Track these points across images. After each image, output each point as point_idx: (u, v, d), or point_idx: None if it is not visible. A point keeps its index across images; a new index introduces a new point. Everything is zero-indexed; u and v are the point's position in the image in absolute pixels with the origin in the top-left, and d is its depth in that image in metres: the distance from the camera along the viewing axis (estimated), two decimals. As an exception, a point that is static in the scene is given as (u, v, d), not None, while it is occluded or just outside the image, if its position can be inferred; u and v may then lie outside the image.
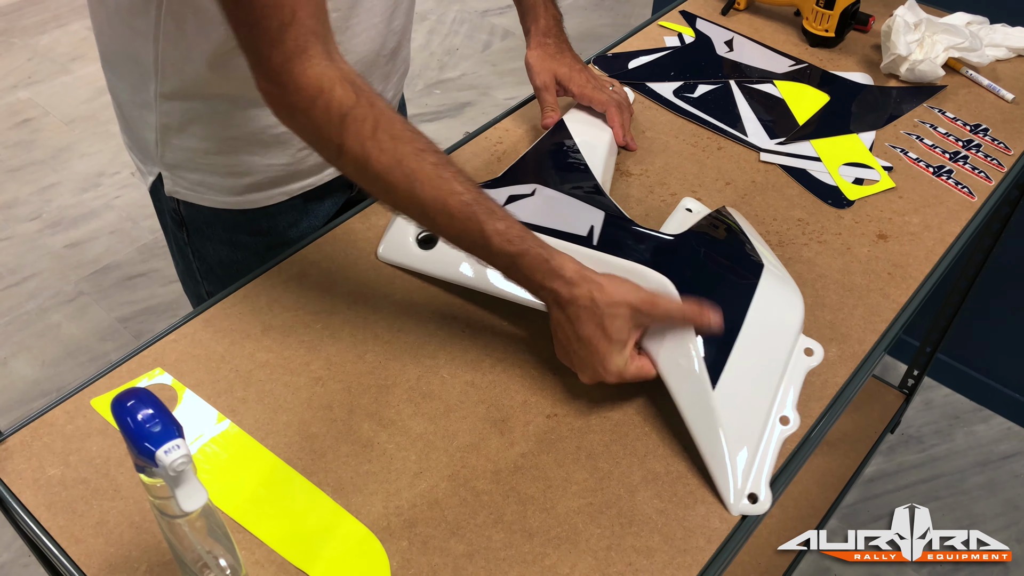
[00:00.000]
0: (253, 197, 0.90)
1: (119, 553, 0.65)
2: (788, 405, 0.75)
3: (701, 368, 0.71)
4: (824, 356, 0.79)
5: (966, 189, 0.98)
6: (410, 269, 0.87)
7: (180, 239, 0.95)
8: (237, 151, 0.86)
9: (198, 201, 0.90)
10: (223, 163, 0.86)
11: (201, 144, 0.85)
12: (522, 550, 0.66)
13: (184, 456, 0.46)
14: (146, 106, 0.84)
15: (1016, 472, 1.79)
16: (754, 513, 0.68)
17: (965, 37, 1.13)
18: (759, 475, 0.70)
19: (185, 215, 0.92)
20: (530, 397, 0.76)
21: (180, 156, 0.86)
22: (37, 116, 2.72)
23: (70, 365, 1.98)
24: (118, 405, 0.47)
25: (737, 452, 0.70)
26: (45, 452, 0.71)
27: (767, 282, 0.79)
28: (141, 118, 0.86)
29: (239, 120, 0.83)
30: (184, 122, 0.83)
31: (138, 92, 0.83)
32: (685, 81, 1.15)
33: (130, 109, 0.86)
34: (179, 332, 0.81)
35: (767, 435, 0.73)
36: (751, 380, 0.73)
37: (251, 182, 0.88)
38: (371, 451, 0.72)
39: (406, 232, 0.87)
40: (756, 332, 0.75)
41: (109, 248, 2.28)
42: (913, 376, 1.76)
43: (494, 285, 0.81)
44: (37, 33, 3.11)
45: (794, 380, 0.77)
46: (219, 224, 0.92)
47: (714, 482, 0.69)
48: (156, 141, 0.86)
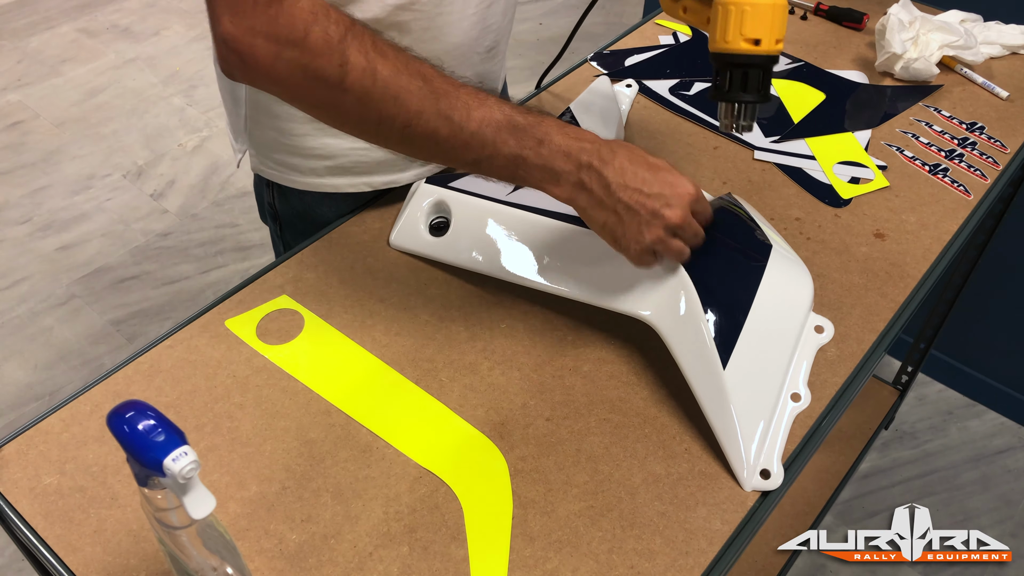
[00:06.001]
0: (334, 181, 0.90)
1: (117, 562, 0.64)
2: (799, 382, 0.76)
3: (712, 347, 0.71)
4: (834, 334, 0.81)
5: (962, 187, 0.99)
6: (422, 256, 0.88)
7: (274, 231, 1.00)
8: (322, 133, 0.87)
9: (280, 181, 0.92)
10: (306, 144, 0.87)
11: (286, 124, 0.86)
12: (523, 554, 0.65)
13: (193, 462, 0.45)
14: (236, 82, 0.85)
15: (1009, 467, 1.80)
16: (767, 488, 0.69)
17: (959, 35, 1.13)
18: (771, 451, 0.71)
19: (279, 208, 0.95)
20: (529, 400, 0.76)
21: (267, 134, 0.88)
22: (27, 119, 2.70)
23: (62, 369, 1.97)
24: (116, 419, 0.46)
25: (749, 429, 0.71)
26: (41, 460, 0.71)
27: (776, 262, 0.79)
28: (233, 92, 0.88)
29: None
30: (269, 100, 0.85)
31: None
32: (681, 79, 1.15)
33: (225, 83, 0.89)
34: (175, 338, 0.80)
35: (778, 412, 0.74)
36: (762, 358, 0.74)
37: (332, 165, 0.89)
38: (370, 455, 0.71)
39: (418, 220, 0.88)
40: (766, 311, 0.76)
41: (101, 251, 2.26)
42: (907, 372, 1.77)
43: (505, 269, 0.82)
44: (27, 35, 3.08)
45: (805, 357, 0.78)
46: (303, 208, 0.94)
47: (727, 459, 0.70)
48: (245, 116, 0.88)
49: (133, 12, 3.23)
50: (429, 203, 0.88)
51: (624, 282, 0.77)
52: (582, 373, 0.78)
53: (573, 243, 0.80)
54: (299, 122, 0.86)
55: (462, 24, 0.84)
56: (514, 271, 0.81)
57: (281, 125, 0.87)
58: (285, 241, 0.99)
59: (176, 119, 2.71)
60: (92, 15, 3.20)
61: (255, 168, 0.93)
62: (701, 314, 0.72)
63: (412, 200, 0.89)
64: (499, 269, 0.82)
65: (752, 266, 0.78)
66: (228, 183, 2.48)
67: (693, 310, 0.73)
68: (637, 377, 0.78)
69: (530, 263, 0.81)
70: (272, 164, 0.91)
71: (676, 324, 0.73)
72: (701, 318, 0.72)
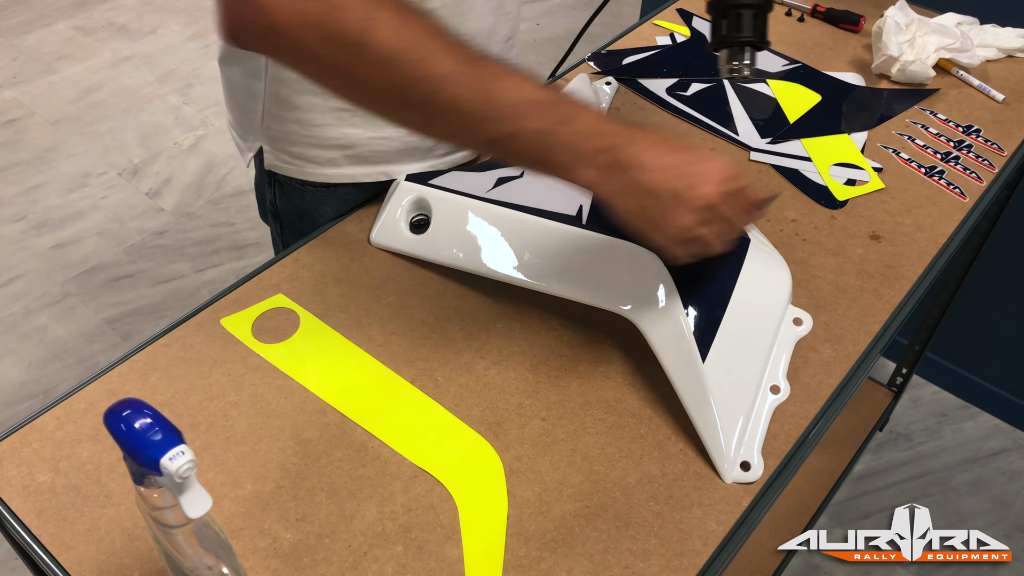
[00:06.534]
0: (352, 171, 0.90)
1: (111, 560, 0.64)
2: (779, 374, 0.77)
3: (691, 341, 0.72)
4: (812, 326, 0.81)
5: (958, 190, 0.99)
6: (402, 253, 0.88)
7: (274, 229, 0.99)
8: (342, 123, 0.86)
9: (297, 175, 0.91)
10: (326, 135, 0.87)
11: (307, 115, 0.86)
12: (518, 554, 0.65)
13: (190, 461, 0.45)
14: (255, 75, 0.85)
15: (1003, 469, 1.80)
16: (747, 480, 0.70)
17: (956, 38, 1.13)
18: (751, 443, 0.72)
19: (281, 206, 0.95)
20: (525, 400, 0.76)
21: (286, 127, 0.88)
22: (22, 116, 2.69)
23: (57, 367, 1.97)
24: (112, 417, 0.46)
25: (729, 421, 0.71)
26: (35, 458, 0.70)
27: (754, 255, 0.80)
28: (249, 87, 0.87)
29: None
30: (291, 92, 0.84)
31: (247, 59, 0.85)
32: (679, 79, 1.15)
33: (239, 78, 0.88)
34: (170, 336, 0.80)
35: (758, 404, 0.74)
36: (741, 351, 0.75)
37: (352, 154, 0.89)
38: (365, 455, 0.71)
39: (398, 217, 0.88)
40: (744, 304, 0.76)
41: (96, 249, 2.26)
42: (902, 374, 1.77)
43: (485, 266, 0.82)
44: (22, 32, 3.07)
45: (784, 350, 0.78)
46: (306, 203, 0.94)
47: (707, 452, 0.71)
48: (262, 112, 0.88)
49: (129, 10, 3.22)
50: (409, 200, 0.88)
51: (604, 278, 0.78)
52: (578, 373, 0.78)
53: (553, 239, 0.80)
54: (320, 112, 0.86)
55: (483, 9, 0.85)
56: (494, 268, 0.82)
57: (302, 116, 0.86)
58: (284, 240, 0.99)
59: (172, 117, 2.71)
60: (88, 13, 3.19)
61: (269, 165, 0.93)
62: (680, 308, 0.73)
63: (392, 198, 0.89)
64: (479, 266, 0.82)
65: (730, 259, 0.79)
66: (224, 182, 2.47)
67: (672, 305, 0.74)
68: (633, 378, 0.78)
69: (510, 259, 0.81)
70: (288, 158, 0.91)
71: (655, 319, 0.74)
72: (680, 312, 0.73)
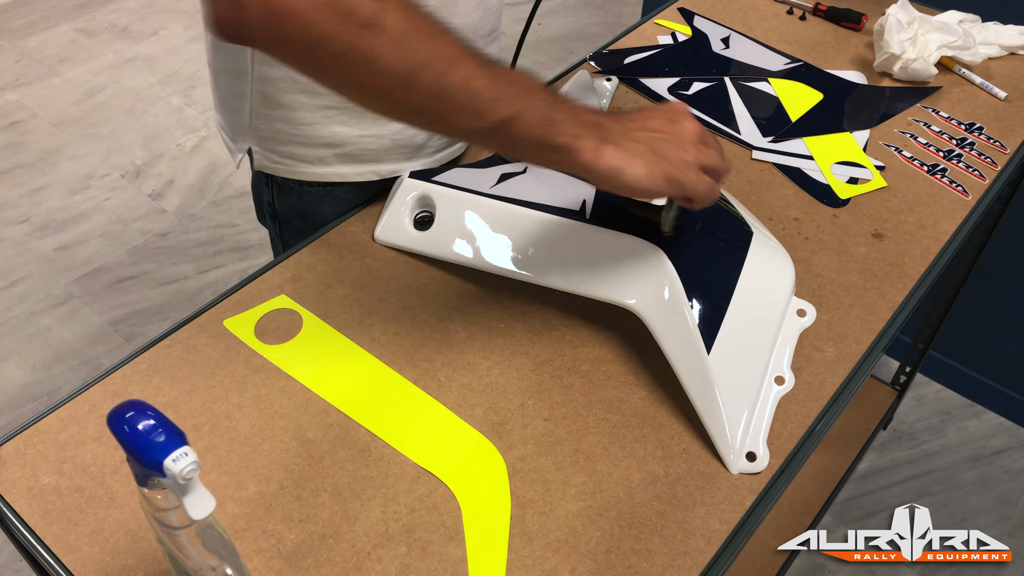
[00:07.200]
0: (341, 170, 0.91)
1: (115, 562, 0.64)
2: (783, 365, 0.77)
3: (696, 333, 0.72)
4: (816, 318, 0.81)
5: (960, 187, 0.99)
6: (407, 250, 0.88)
7: (273, 231, 0.99)
8: (330, 121, 0.87)
9: (287, 174, 0.92)
10: (314, 133, 0.88)
11: (295, 114, 0.86)
12: (521, 554, 0.65)
13: (193, 463, 0.45)
14: (241, 75, 0.85)
15: (1007, 467, 1.80)
16: (753, 471, 0.71)
17: (958, 35, 1.13)
18: (756, 434, 0.73)
19: (279, 207, 0.95)
20: (527, 400, 0.76)
21: (274, 127, 0.88)
22: (25, 118, 2.70)
23: (60, 369, 1.97)
24: (116, 418, 0.46)
25: (734, 413, 0.72)
26: (39, 460, 0.71)
27: (757, 248, 0.80)
28: (236, 88, 0.87)
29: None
30: (277, 91, 0.85)
31: (233, 60, 0.85)
32: (680, 78, 1.15)
33: (226, 79, 0.88)
34: (173, 338, 0.80)
35: (763, 395, 0.75)
36: (745, 343, 0.75)
37: (341, 153, 0.89)
38: (368, 455, 0.71)
39: (402, 214, 0.88)
40: (749, 296, 0.77)
41: (99, 251, 2.26)
42: (905, 372, 1.77)
43: (489, 262, 0.82)
44: (25, 35, 3.08)
45: (788, 341, 0.79)
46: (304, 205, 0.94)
47: (713, 443, 0.71)
48: (250, 112, 0.88)
49: (131, 12, 3.22)
50: (413, 197, 0.88)
51: (609, 272, 0.78)
52: (580, 373, 0.78)
53: (557, 234, 0.80)
54: (308, 111, 0.86)
55: (468, 4, 0.86)
56: (499, 263, 0.82)
57: (289, 115, 0.87)
58: (284, 241, 0.99)
59: (174, 119, 2.71)
60: (91, 15, 3.20)
61: (259, 165, 0.93)
62: (685, 301, 0.73)
63: (396, 194, 0.89)
64: (483, 262, 0.82)
65: (734, 252, 0.79)
66: (227, 183, 2.48)
67: (677, 297, 0.74)
68: (635, 377, 0.78)
69: (514, 255, 0.81)
70: (278, 157, 0.91)
71: (661, 311, 0.74)
72: (685, 304, 0.73)
